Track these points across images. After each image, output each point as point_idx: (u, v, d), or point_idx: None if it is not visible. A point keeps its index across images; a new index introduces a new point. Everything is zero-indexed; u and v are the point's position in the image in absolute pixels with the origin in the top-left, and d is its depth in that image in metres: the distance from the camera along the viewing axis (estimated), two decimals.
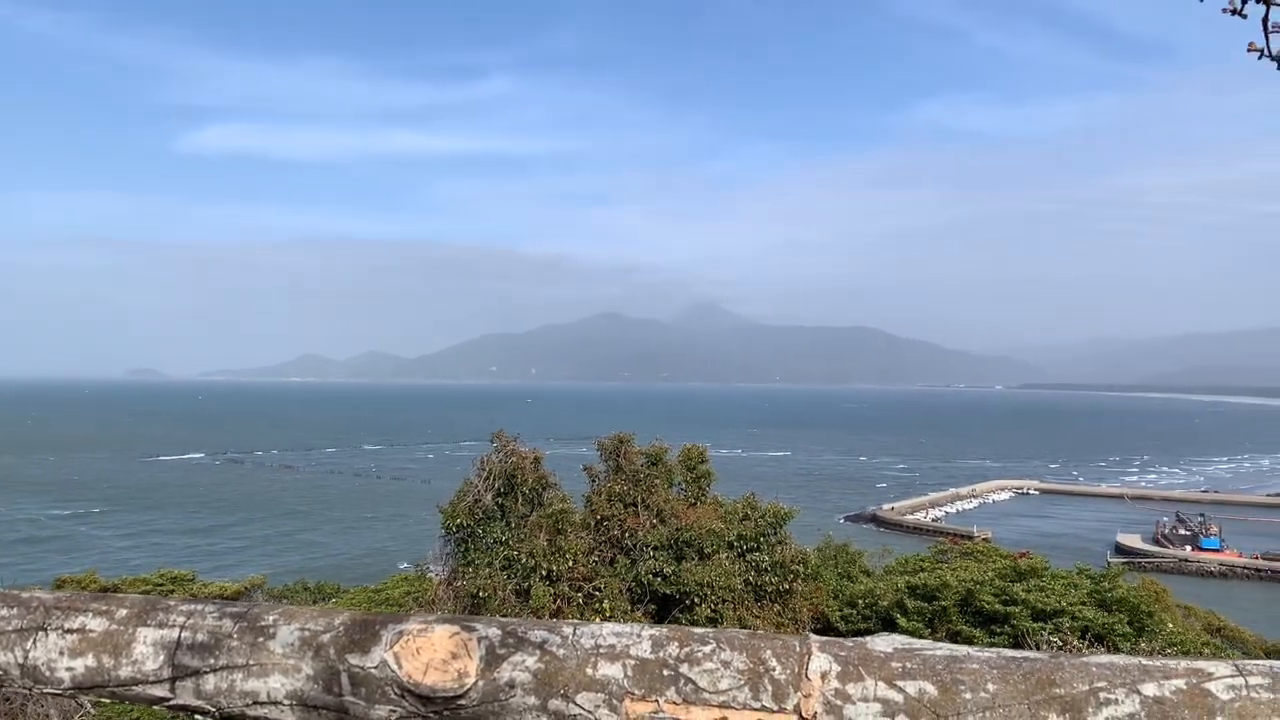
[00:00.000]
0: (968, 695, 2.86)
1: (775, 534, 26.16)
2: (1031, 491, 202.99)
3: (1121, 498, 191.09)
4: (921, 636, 25.36)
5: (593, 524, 24.03)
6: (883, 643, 3.08)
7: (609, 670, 3.17)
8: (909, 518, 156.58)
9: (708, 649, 3.13)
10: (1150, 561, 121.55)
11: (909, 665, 2.96)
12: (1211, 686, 2.75)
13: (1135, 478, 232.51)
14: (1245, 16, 4.50)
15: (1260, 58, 4.60)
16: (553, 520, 22.57)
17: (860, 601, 29.68)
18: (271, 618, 3.63)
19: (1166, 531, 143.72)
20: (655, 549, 23.35)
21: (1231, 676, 2.77)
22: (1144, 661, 2.85)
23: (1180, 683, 2.78)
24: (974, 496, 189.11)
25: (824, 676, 2.98)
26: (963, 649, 3.01)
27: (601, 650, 3.21)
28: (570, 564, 22.14)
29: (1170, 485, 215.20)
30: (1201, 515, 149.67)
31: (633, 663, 3.17)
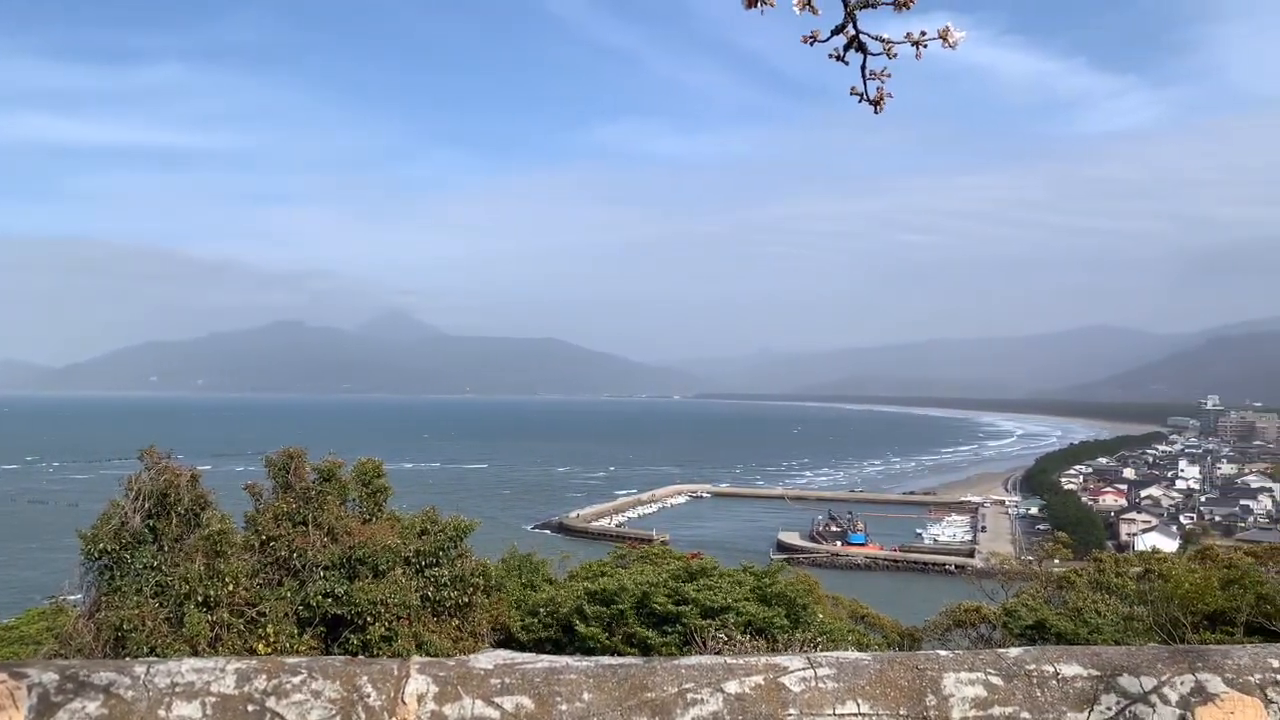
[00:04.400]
0: (564, 706, 2.85)
1: (455, 548, 25.79)
2: (705, 495, 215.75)
3: (783, 498, 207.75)
4: (600, 640, 25.91)
5: (257, 545, 22.52)
6: (485, 659, 3.02)
7: (185, 710, 2.87)
8: (594, 524, 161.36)
9: (298, 679, 2.91)
10: (806, 557, 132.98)
11: (508, 680, 2.92)
12: (786, 680, 2.92)
13: (806, 479, 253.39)
14: (847, 63, 4.94)
15: (860, 101, 5.07)
16: (211, 542, 20.89)
17: (542, 610, 29.98)
18: None
19: (820, 529, 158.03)
20: (326, 569, 22.27)
21: (803, 669, 2.95)
22: (728, 660, 2.98)
23: (759, 679, 2.92)
24: (654, 501, 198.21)
25: (420, 699, 2.87)
26: (563, 660, 3.02)
27: (178, 689, 2.91)
28: (231, 588, 20.58)
29: (836, 485, 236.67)
30: (849, 513, 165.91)
31: (214, 700, 2.89)
